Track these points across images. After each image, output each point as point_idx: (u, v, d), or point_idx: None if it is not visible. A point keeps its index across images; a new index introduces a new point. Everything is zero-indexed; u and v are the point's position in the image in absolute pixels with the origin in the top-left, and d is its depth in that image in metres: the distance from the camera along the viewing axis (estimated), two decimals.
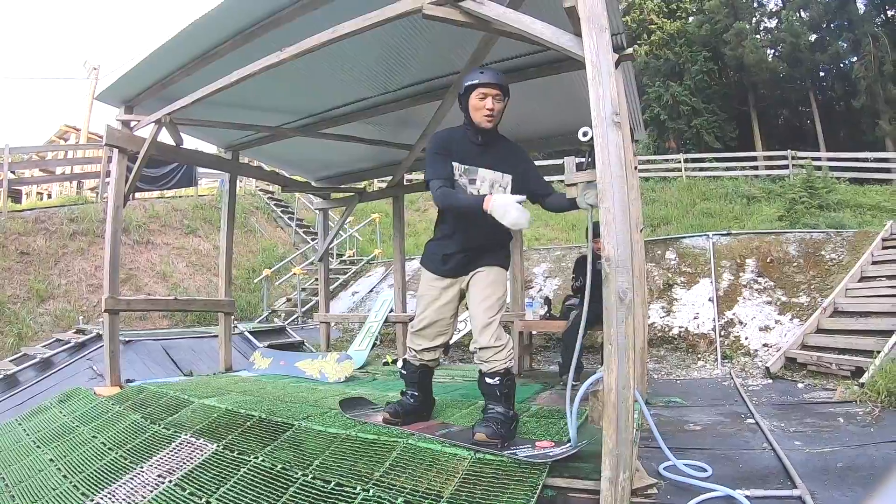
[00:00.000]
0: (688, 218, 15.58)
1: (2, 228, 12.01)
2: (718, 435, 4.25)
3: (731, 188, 17.75)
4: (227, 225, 7.43)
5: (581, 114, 6.13)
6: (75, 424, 5.23)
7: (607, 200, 2.69)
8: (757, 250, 9.30)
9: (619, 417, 2.53)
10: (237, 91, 5.11)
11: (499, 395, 3.33)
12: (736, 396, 5.75)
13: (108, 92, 5.99)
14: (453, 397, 4.87)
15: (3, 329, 10.12)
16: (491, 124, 3.52)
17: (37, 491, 4.00)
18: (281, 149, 7.53)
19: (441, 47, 5.05)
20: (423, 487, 2.78)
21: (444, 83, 5.70)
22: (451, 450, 3.12)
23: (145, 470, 3.84)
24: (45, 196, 20.05)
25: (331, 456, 3.37)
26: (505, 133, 6.85)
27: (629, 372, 2.55)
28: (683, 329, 8.35)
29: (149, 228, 14.50)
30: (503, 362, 3.33)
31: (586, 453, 2.89)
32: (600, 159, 2.75)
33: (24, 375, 8.01)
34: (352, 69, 5.45)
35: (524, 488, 2.61)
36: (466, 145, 3.58)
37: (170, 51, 5.17)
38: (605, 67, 2.83)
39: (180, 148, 6.37)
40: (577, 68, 4.96)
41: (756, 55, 25.34)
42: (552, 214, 17.48)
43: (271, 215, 19.13)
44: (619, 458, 2.52)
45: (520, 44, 4.71)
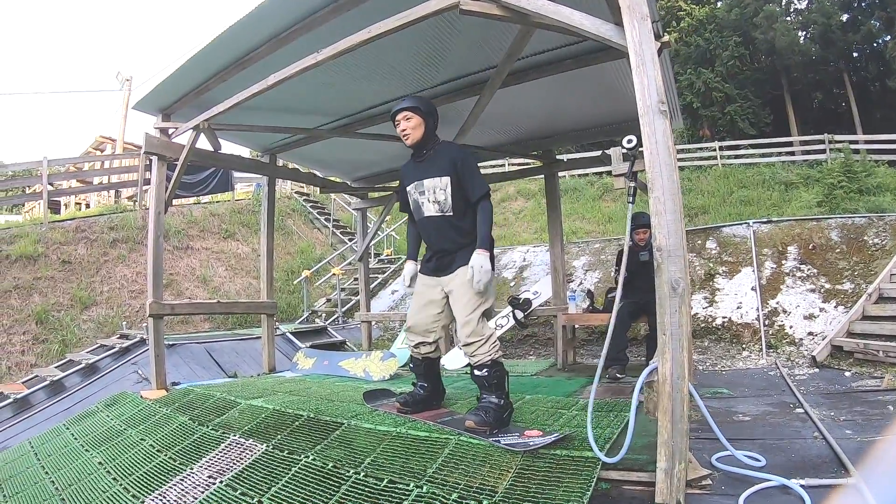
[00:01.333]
0: (725, 207, 15.35)
1: (43, 238, 12.24)
2: (768, 425, 4.18)
3: (769, 175, 17.44)
4: (267, 228, 7.50)
5: (616, 105, 6.14)
6: (123, 427, 5.32)
7: (657, 190, 2.66)
8: (798, 237, 9.13)
9: (675, 408, 2.51)
10: (273, 94, 5.14)
11: (488, 385, 3.62)
12: (783, 386, 5.65)
13: (145, 101, 6.07)
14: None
15: (48, 336, 10.31)
16: (409, 140, 3.94)
17: (87, 494, 4.07)
18: (317, 151, 7.56)
19: (476, 42, 5.01)
20: (476, 483, 2.78)
21: (480, 78, 5.64)
22: (503, 445, 3.14)
23: (195, 471, 3.89)
24: (83, 206, 20.40)
25: (382, 454, 3.39)
26: (538, 125, 6.87)
27: (683, 361, 2.53)
28: (727, 319, 8.23)
29: (188, 234, 14.67)
30: (487, 354, 3.61)
31: (640, 445, 2.87)
32: (647, 149, 2.72)
33: (70, 381, 8.17)
34: (387, 68, 5.43)
35: (579, 482, 2.60)
36: (412, 167, 4.07)
37: (204, 58, 5.23)
38: (648, 56, 2.81)
39: (219, 153, 6.44)
40: (615, 58, 4.98)
41: (787, 38, 24.87)
42: (589, 207, 17.52)
43: (308, 217, 19.25)
44: (674, 448, 2.50)
45: (556, 35, 4.68)
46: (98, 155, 22.64)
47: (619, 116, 6.58)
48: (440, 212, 3.87)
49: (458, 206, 3.84)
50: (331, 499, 3.04)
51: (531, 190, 19.90)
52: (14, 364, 9.63)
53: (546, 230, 8.46)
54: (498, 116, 6.54)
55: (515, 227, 18.07)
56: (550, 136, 7.44)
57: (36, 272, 11.43)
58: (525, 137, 7.50)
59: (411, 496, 2.82)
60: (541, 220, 17.44)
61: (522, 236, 16.42)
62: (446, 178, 3.83)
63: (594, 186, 19.55)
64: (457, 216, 3.85)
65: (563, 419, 3.66)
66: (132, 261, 12.84)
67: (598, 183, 19.78)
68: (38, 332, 10.39)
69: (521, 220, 18.54)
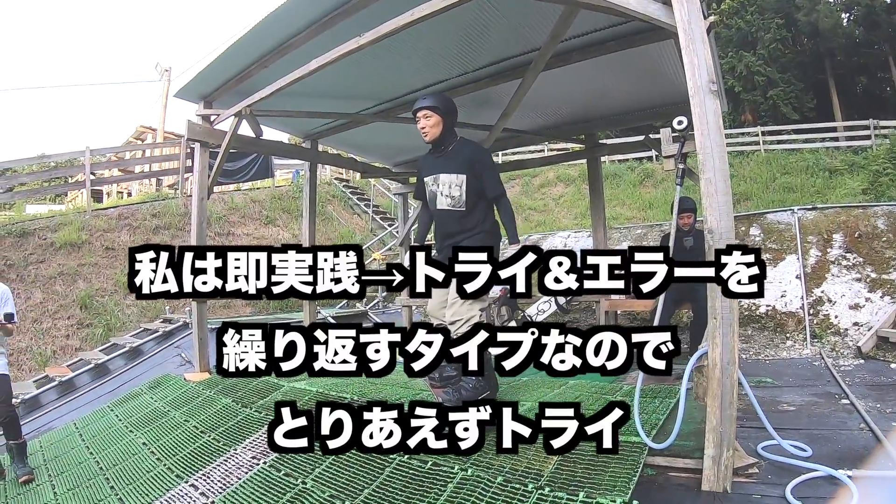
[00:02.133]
0: (768, 193, 15.07)
1: (87, 226, 12.49)
2: (813, 415, 4.13)
3: (812, 161, 17.03)
4: (310, 212, 7.56)
5: (660, 88, 6.05)
6: (167, 409, 5.45)
7: (707, 171, 2.63)
8: (844, 225, 8.88)
9: (724, 393, 2.48)
10: (314, 80, 5.16)
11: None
12: (828, 377, 5.54)
13: (186, 89, 6.14)
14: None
15: (92, 321, 10.54)
16: (427, 138, 4.11)
17: (132, 473, 4.19)
18: (358, 135, 7.57)
19: (519, 24, 4.95)
20: (521, 467, 2.78)
21: (523, 61, 5.57)
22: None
23: (239, 452, 3.98)
24: (125, 195, 20.78)
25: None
26: (581, 109, 6.79)
27: (734, 346, 2.50)
28: (770, 308, 8.04)
29: (229, 220, 14.85)
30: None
31: (686, 432, 2.83)
32: (699, 129, 2.68)
33: (114, 364, 8.39)
34: (428, 52, 5.41)
35: (625, 467, 2.59)
36: (430, 160, 4.27)
37: (246, 45, 5.25)
38: (697, 34, 2.78)
39: (260, 139, 6.49)
40: (659, 39, 4.89)
41: (831, 20, 24.11)
42: (629, 193, 17.30)
43: (347, 203, 19.28)
44: (722, 435, 2.48)
45: (600, 17, 4.64)
46: (139, 144, 23.01)
47: (663, 100, 6.48)
48: (453, 206, 4.07)
49: (471, 203, 4.04)
50: (376, 479, 3.08)
51: (570, 175, 19.72)
52: (59, 348, 9.87)
53: (586, 216, 8.38)
54: (540, 100, 6.48)
55: (555, 213, 17.92)
56: (592, 120, 7.37)
57: (80, 259, 11.68)
58: (567, 121, 7.43)
59: (456, 479, 2.83)
60: (580, 206, 17.29)
61: (562, 222, 16.29)
62: (462, 176, 4.03)
63: (634, 172, 19.30)
64: (468, 211, 4.05)
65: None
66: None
67: (638, 169, 19.52)
68: (82, 316, 10.62)
69: (561, 206, 18.38)
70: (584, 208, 17.08)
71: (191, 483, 3.75)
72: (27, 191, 15.86)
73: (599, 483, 2.52)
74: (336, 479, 3.20)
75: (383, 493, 2.93)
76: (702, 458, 2.55)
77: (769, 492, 2.53)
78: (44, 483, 4.65)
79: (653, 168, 19.36)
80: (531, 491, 2.59)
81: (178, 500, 3.57)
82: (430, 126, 4.06)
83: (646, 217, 15.06)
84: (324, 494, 3.06)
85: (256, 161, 15.57)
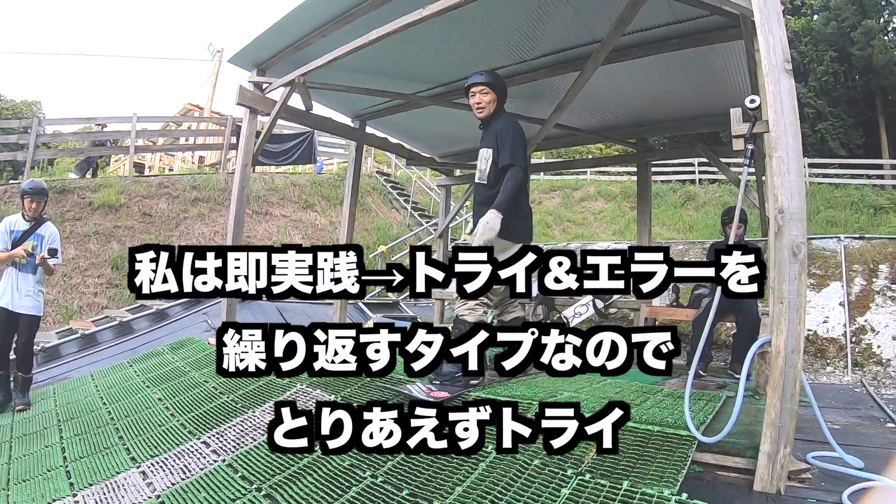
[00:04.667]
0: (811, 226, 14.76)
1: (127, 190, 12.67)
2: (859, 434, 4.02)
3: (857, 197, 16.87)
4: (352, 193, 7.50)
5: (722, 96, 5.94)
6: (187, 369, 5.46)
7: (780, 149, 2.59)
8: (891, 256, 8.77)
9: (786, 384, 2.39)
10: (371, 55, 5.16)
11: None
12: (870, 403, 5.44)
13: (241, 55, 6.08)
14: None
15: (121, 282, 10.66)
16: (482, 114, 4.24)
17: (142, 426, 4.20)
18: (407, 120, 7.51)
19: (583, 12, 4.86)
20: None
21: (583, 52, 5.44)
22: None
23: (258, 414, 3.93)
24: (166, 170, 21.09)
25: None
26: (635, 111, 6.67)
27: (800, 334, 2.40)
28: (812, 332, 7.98)
29: (268, 200, 14.97)
30: (458, 312, 3.99)
31: (736, 432, 2.70)
32: (772, 107, 2.64)
33: (139, 324, 8.41)
34: (489, 36, 5.34)
35: (673, 461, 2.50)
36: (479, 134, 4.38)
37: (306, 12, 5.17)
38: (773, 15, 2.75)
39: (310, 113, 6.44)
40: (723, 40, 4.77)
41: (885, 56, 23.62)
42: (670, 214, 17.28)
43: (387, 197, 19.36)
44: (780, 430, 2.38)
45: (664, 11, 4.62)
46: (186, 118, 23.33)
47: (720, 108, 6.26)
48: (480, 179, 4.22)
49: (492, 176, 4.10)
50: (400, 453, 2.96)
51: (612, 192, 19.75)
52: (86, 304, 10.05)
53: (624, 232, 8.29)
54: (595, 97, 6.37)
55: (594, 227, 18.01)
56: (646, 125, 7.23)
57: (117, 221, 11.86)
58: (620, 123, 7.30)
59: (489, 458, 2.76)
60: (619, 223, 17.30)
61: (600, 237, 16.29)
62: (490, 150, 4.13)
63: (676, 194, 19.24)
64: (490, 185, 4.11)
65: (651, 402, 3.53)
66: (211, 220, 13.19)
67: (680, 190, 19.43)
68: (112, 276, 10.79)
69: (600, 221, 18.40)
70: (622, 225, 17.18)
71: (203, 440, 3.73)
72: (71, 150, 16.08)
73: (645, 475, 2.42)
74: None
75: (407, 467, 2.86)
76: (754, 458, 2.45)
77: (825, 497, 2.42)
78: (51, 426, 4.69)
79: (695, 191, 19.29)
80: (570, 476, 2.49)
81: (187, 455, 3.55)
82: (486, 102, 4.18)
83: (686, 238, 14.90)
84: (343, 464, 2.99)
85: (300, 146, 15.72)
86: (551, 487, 2.44)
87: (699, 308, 5.85)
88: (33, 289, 5.50)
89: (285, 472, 3.00)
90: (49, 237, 5.61)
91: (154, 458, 3.59)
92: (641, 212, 7.64)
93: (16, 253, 5.38)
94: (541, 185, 21.10)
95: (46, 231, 5.64)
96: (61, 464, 3.83)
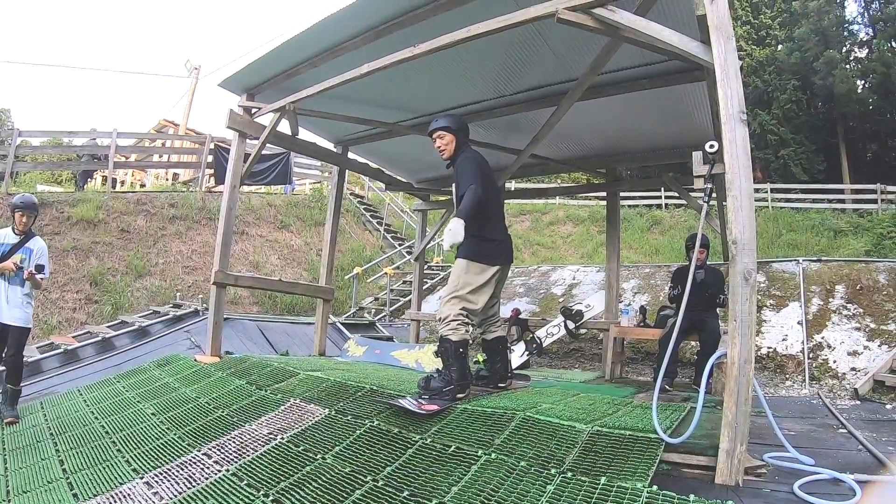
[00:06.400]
0: (774, 249, 15.39)
1: (105, 206, 12.73)
2: (812, 438, 4.36)
3: (818, 221, 17.43)
4: (333, 216, 7.75)
5: (688, 129, 6.29)
6: (177, 385, 5.49)
7: (734, 189, 2.92)
8: (847, 277, 9.25)
9: (740, 389, 2.74)
10: (358, 86, 5.44)
11: (439, 356, 4.30)
12: (825, 412, 5.75)
13: (231, 80, 6.35)
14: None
15: (101, 298, 10.73)
16: (444, 156, 4.57)
17: (139, 439, 4.22)
18: (388, 147, 7.78)
19: (561, 54, 5.20)
20: (544, 454, 2.95)
21: (559, 90, 5.78)
22: (569, 422, 3.33)
23: (255, 427, 4.01)
24: (138, 186, 20.98)
25: (448, 423, 3.56)
26: (606, 143, 7.08)
27: (750, 347, 2.76)
28: (772, 350, 8.40)
29: (244, 220, 15.02)
30: (442, 331, 4.21)
31: (698, 435, 3.01)
32: (728, 152, 2.98)
33: (121, 341, 8.41)
34: (473, 71, 5.63)
35: (644, 460, 2.77)
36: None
37: (299, 43, 5.47)
38: (732, 70, 3.08)
39: (296, 138, 6.71)
40: (689, 81, 5.14)
41: (846, 85, 24.52)
42: (637, 238, 17.68)
43: (360, 219, 19.49)
44: (737, 429, 2.71)
45: (635, 55, 4.96)
46: (162, 135, 23.25)
47: (685, 141, 6.67)
48: (454, 213, 4.27)
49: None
50: (397, 459, 3.15)
51: (580, 216, 20.15)
52: (64, 319, 10.04)
53: (592, 256, 8.60)
54: (568, 129, 6.67)
55: (562, 250, 18.35)
56: (617, 155, 7.56)
57: (95, 236, 11.90)
58: (592, 153, 7.63)
59: (479, 461, 2.97)
60: (587, 246, 17.66)
61: (569, 260, 16.58)
62: (454, 185, 4.44)
63: (643, 218, 19.69)
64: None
65: (622, 412, 3.79)
66: (189, 238, 13.26)
67: (647, 215, 19.90)
68: (91, 292, 10.82)
69: (569, 244, 18.76)
70: (590, 248, 17.60)
71: (203, 452, 3.73)
72: (46, 163, 16.10)
73: (620, 472, 2.68)
74: (357, 456, 3.25)
75: (405, 472, 3.00)
76: (715, 456, 2.76)
77: (778, 488, 2.72)
78: (45, 440, 4.64)
79: (661, 216, 19.76)
80: (554, 475, 2.72)
81: (190, 466, 3.56)
82: (445, 144, 4.51)
83: (652, 261, 15.32)
84: (344, 470, 3.09)
85: (276, 167, 15.82)
86: (538, 485, 2.68)
87: (665, 328, 6.25)
88: (22, 300, 5.53)
89: (290, 478, 3.10)
90: (38, 251, 5.66)
91: (157, 470, 3.58)
92: (610, 238, 7.90)
93: (5, 266, 5.42)
94: (510, 209, 21.36)
95: (35, 245, 5.69)
96: (61, 476, 3.79)
